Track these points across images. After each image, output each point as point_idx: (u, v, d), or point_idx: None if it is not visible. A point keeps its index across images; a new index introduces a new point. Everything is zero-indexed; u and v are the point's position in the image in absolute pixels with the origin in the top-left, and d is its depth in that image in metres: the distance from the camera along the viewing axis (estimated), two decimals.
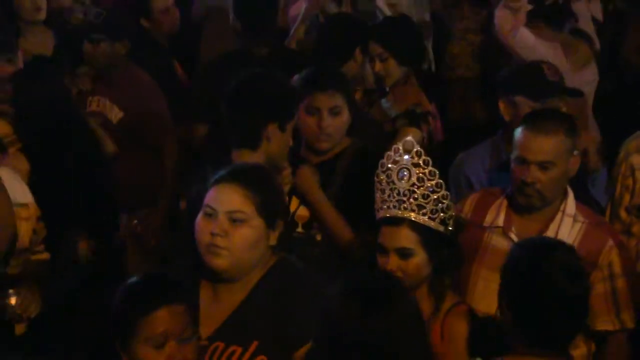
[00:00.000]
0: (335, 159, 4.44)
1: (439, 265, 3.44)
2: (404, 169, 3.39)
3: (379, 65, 5.44)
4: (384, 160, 3.47)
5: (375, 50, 5.42)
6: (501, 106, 4.59)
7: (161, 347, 2.72)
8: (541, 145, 3.68)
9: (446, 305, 3.45)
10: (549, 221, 3.77)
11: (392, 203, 3.42)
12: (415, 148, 3.42)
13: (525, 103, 4.41)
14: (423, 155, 3.40)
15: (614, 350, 3.74)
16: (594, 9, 6.66)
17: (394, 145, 3.52)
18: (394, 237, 3.40)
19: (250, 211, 3.04)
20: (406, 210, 3.38)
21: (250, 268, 3.12)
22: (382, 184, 3.49)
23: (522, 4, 5.51)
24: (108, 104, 5.92)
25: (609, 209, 4.46)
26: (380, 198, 3.50)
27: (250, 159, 3.96)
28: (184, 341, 2.75)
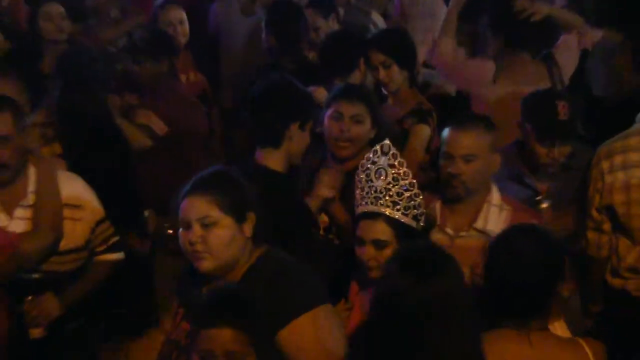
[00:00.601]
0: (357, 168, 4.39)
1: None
2: (381, 169, 3.63)
3: (382, 72, 5.56)
4: (364, 160, 3.73)
5: (379, 58, 5.55)
6: (519, 124, 4.80)
7: None
8: (464, 141, 3.98)
9: None
10: (478, 212, 4.05)
11: (370, 199, 3.64)
12: (392, 151, 3.67)
13: (532, 132, 4.63)
14: (398, 157, 3.65)
15: None
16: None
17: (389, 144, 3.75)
18: (370, 230, 3.62)
19: (217, 213, 3.17)
20: (382, 206, 3.60)
21: (234, 262, 3.24)
22: (362, 182, 3.71)
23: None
24: (154, 118, 6.02)
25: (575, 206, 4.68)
26: (360, 195, 3.71)
27: (273, 156, 4.26)
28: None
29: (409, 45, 5.86)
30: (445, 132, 4.10)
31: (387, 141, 3.73)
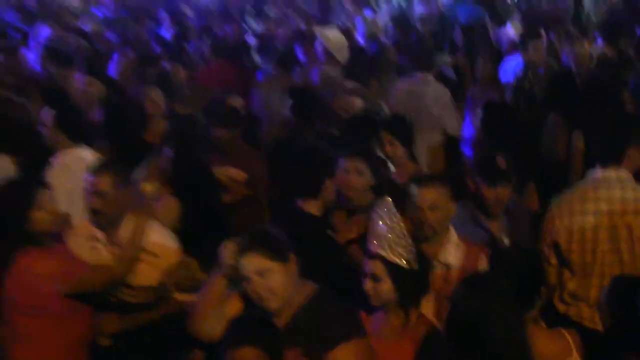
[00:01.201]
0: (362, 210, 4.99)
1: (402, 292, 3.79)
2: (383, 221, 3.84)
3: (389, 148, 6.10)
4: (374, 211, 3.95)
5: (386, 137, 6.11)
6: (469, 181, 5.18)
7: None
8: (427, 195, 4.44)
9: (413, 319, 3.84)
10: (440, 248, 4.47)
11: (372, 242, 3.86)
12: (393, 209, 3.87)
13: (482, 184, 5.04)
14: (397, 214, 3.86)
15: None
16: None
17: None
18: (370, 266, 3.83)
19: (268, 263, 3.57)
20: (380, 249, 3.80)
21: (291, 296, 3.64)
22: (370, 227, 3.94)
23: None
24: (233, 170, 6.46)
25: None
26: (369, 236, 3.94)
27: (313, 205, 4.82)
28: None
29: (410, 130, 6.42)
30: (413, 189, 4.55)
31: (389, 199, 3.94)
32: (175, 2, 17.20)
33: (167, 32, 12.89)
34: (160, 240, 4.88)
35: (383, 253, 3.78)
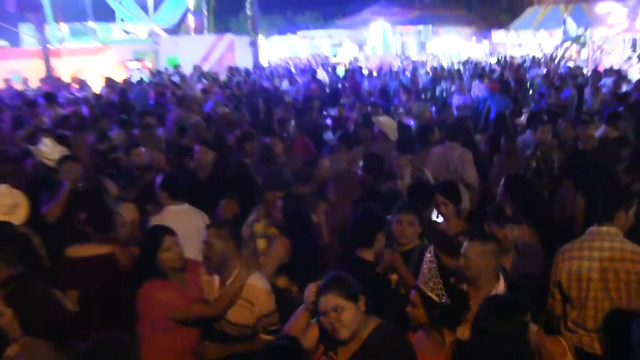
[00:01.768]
0: (410, 252, 5.06)
1: (432, 317, 3.85)
2: (426, 262, 3.90)
3: (443, 208, 6.00)
4: (425, 257, 3.97)
5: (440, 199, 5.99)
6: (485, 226, 5.25)
7: None
8: (474, 247, 4.35)
9: (447, 340, 3.83)
10: (490, 290, 4.33)
11: (419, 277, 3.96)
12: (433, 254, 3.91)
13: (494, 226, 5.16)
14: (434, 259, 3.86)
15: None
16: None
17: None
18: (412, 295, 3.94)
19: (342, 302, 3.59)
20: (421, 283, 3.86)
21: (359, 329, 3.64)
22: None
23: None
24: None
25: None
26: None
27: (369, 253, 4.81)
28: None
29: (458, 192, 6.25)
30: (466, 241, 4.50)
31: (432, 246, 4.01)
32: (272, 92, 17.50)
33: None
34: (257, 291, 4.71)
35: (421, 286, 3.85)
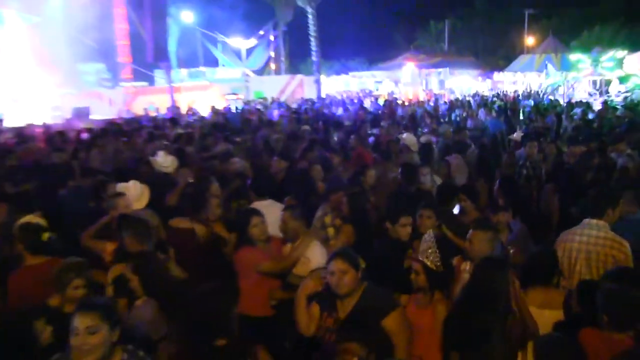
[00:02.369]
0: None
1: (431, 282, 3.84)
2: (428, 243, 3.98)
3: (464, 203, 5.72)
4: (423, 238, 4.11)
5: (462, 197, 5.75)
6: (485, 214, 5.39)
7: None
8: (477, 235, 4.18)
9: (435, 298, 3.84)
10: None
11: (420, 253, 3.97)
12: (433, 236, 4.03)
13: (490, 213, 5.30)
14: (433, 239, 3.96)
15: None
16: None
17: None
18: (415, 266, 3.91)
19: (347, 267, 3.54)
20: (424, 258, 3.88)
21: (354, 289, 3.58)
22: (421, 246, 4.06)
23: None
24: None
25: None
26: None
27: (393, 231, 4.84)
28: None
29: (477, 192, 6.28)
30: (471, 228, 4.38)
31: (431, 231, 4.19)
32: (330, 116, 17.56)
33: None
34: (313, 252, 4.74)
35: (423, 259, 3.88)
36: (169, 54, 27.49)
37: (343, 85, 39.71)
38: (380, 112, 19.67)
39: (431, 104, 23.35)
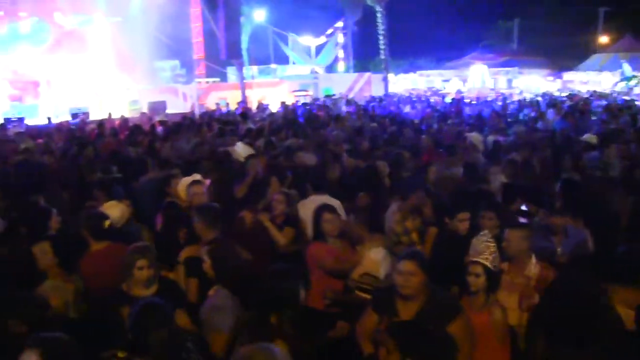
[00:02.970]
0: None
1: (490, 283, 3.73)
2: (486, 243, 3.81)
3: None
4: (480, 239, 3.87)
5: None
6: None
7: None
8: (512, 233, 4.22)
9: (491, 301, 3.75)
10: (524, 266, 4.18)
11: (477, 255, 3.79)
12: (490, 236, 3.88)
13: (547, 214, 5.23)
14: (492, 240, 3.83)
15: None
16: None
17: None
18: (474, 268, 3.74)
19: (417, 270, 3.50)
20: (483, 260, 3.73)
21: (420, 291, 3.52)
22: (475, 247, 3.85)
23: None
24: None
25: None
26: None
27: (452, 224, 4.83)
28: None
29: (539, 194, 6.18)
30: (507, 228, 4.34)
31: (487, 231, 4.03)
32: (397, 114, 17.34)
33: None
34: (374, 256, 4.61)
35: (483, 261, 3.72)
36: (241, 51, 27.83)
37: (410, 84, 39.29)
38: (447, 111, 19.34)
39: (499, 103, 22.75)
